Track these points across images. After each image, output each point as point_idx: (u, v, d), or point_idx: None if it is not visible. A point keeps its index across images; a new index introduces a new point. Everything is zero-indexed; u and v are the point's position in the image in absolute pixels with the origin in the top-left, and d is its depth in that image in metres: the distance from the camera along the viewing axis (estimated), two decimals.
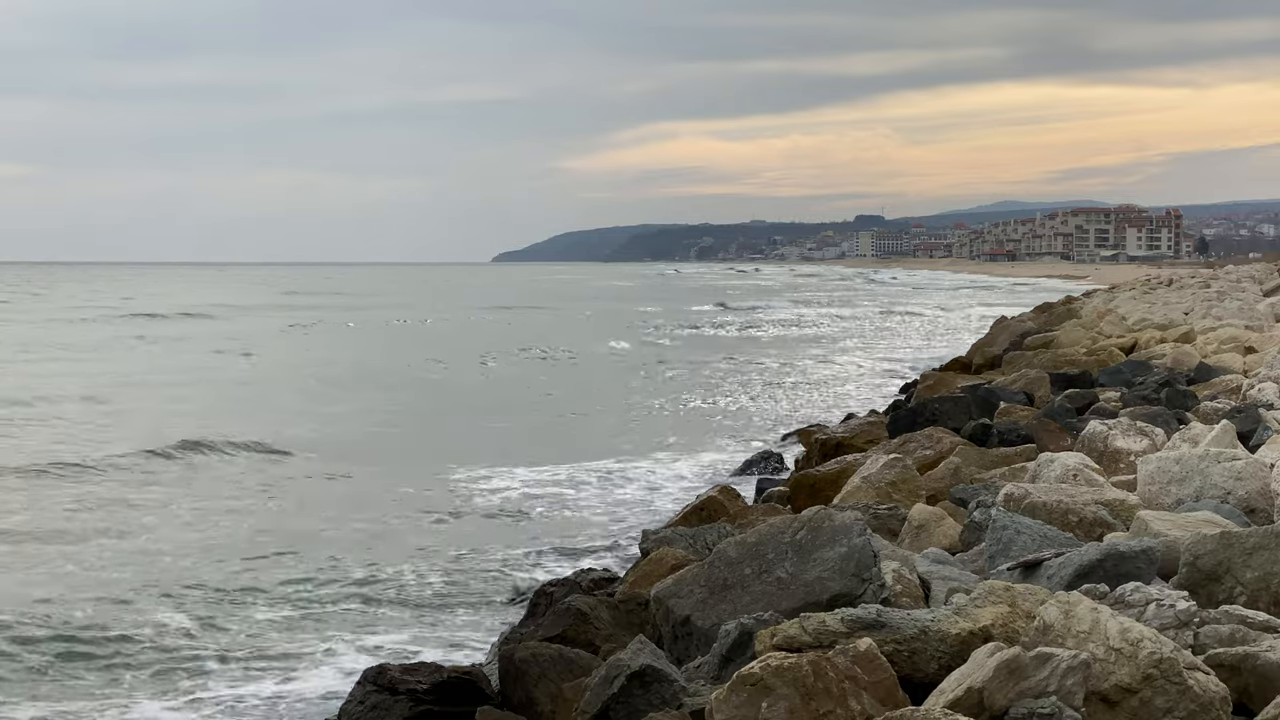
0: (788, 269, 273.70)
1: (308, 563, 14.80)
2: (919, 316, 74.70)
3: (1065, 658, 5.72)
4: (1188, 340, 24.48)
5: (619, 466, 21.35)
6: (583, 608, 9.54)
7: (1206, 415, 14.14)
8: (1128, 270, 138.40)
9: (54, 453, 22.09)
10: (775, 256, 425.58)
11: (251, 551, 15.31)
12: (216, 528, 16.74)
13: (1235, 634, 6.39)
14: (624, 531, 16.25)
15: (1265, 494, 9.20)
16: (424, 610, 13.02)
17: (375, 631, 12.27)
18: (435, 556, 15.17)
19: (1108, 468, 11.33)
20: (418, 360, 43.87)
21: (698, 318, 75.17)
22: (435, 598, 13.48)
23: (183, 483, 19.97)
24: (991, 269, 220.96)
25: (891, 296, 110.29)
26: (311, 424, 26.50)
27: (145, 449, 22.07)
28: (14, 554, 15.09)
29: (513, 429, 26.53)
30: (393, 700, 8.59)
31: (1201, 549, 7.26)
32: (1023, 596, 6.76)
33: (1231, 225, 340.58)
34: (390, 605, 13.18)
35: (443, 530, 16.67)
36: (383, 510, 17.90)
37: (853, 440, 17.22)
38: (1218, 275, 60.89)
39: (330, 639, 11.99)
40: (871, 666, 6.11)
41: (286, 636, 12.08)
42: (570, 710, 7.56)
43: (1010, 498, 9.33)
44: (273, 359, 45.13)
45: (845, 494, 12.09)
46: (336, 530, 16.56)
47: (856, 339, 56.57)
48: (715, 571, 8.03)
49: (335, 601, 13.27)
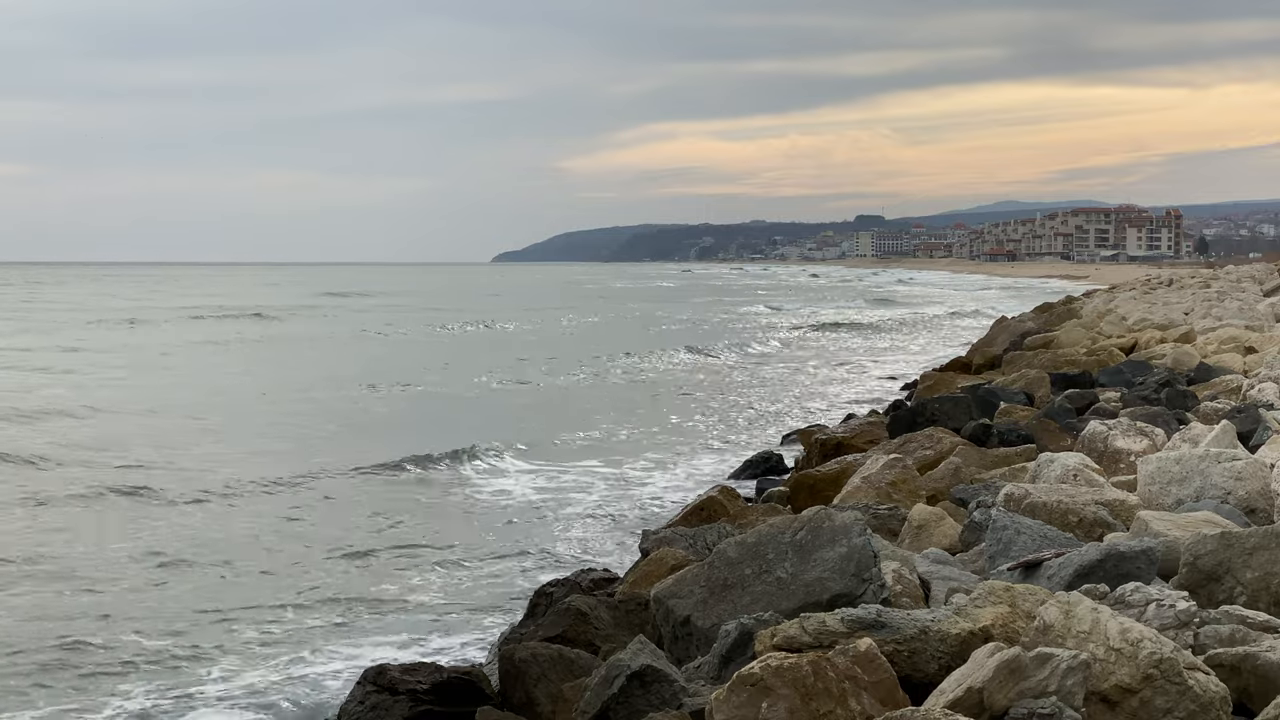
0: (800, 269, 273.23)
1: (308, 561, 14.82)
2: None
3: (1065, 658, 5.72)
4: (1188, 340, 24.49)
5: (620, 466, 21.35)
6: (583, 608, 9.55)
7: (1206, 415, 14.14)
8: (1128, 270, 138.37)
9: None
10: (775, 256, 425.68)
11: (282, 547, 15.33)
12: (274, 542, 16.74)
13: (1235, 634, 6.39)
14: (624, 531, 16.24)
15: (1265, 494, 9.20)
16: (424, 610, 13.01)
17: (375, 631, 12.27)
18: (435, 556, 15.17)
19: (1108, 468, 11.33)
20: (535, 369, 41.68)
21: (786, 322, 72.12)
22: (435, 597, 13.47)
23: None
24: (992, 269, 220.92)
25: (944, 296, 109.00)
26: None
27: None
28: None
29: (529, 426, 26.51)
30: (393, 700, 8.59)
31: (1201, 549, 7.26)
32: (1023, 597, 6.76)
33: (1231, 225, 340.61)
34: (390, 605, 13.18)
35: (443, 529, 16.66)
36: (384, 509, 17.90)
37: (853, 440, 17.22)
38: (1218, 275, 60.92)
39: (330, 639, 11.99)
40: (871, 667, 6.11)
41: (286, 637, 12.07)
42: (570, 710, 7.57)
43: (1010, 498, 9.34)
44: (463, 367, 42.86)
45: (845, 494, 12.10)
46: (337, 529, 16.57)
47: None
48: (715, 572, 8.04)
49: (335, 601, 13.26)
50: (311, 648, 11.74)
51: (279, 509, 18.03)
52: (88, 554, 15.07)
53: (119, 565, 14.62)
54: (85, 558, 14.90)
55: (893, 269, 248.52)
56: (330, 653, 11.59)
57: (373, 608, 13.08)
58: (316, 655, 11.52)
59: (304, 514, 17.63)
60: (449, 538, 16.14)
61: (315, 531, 16.50)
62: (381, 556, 15.15)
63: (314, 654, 11.56)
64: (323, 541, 15.88)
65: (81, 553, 15.12)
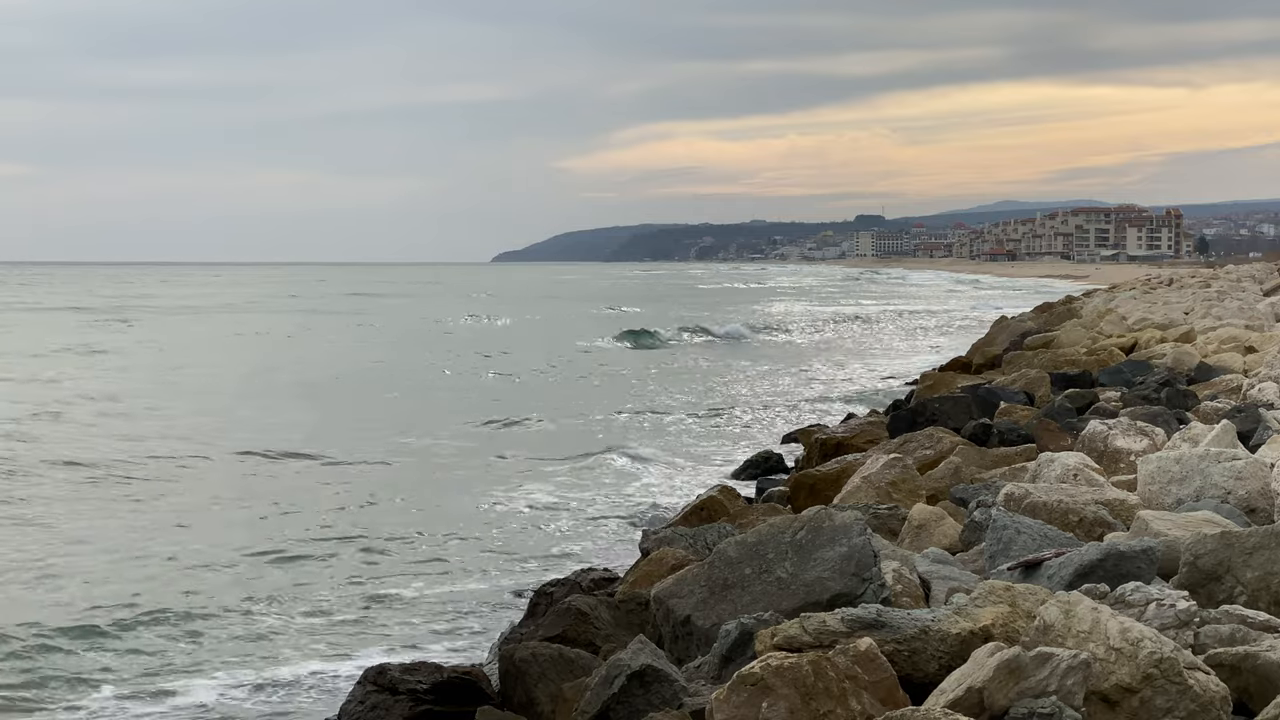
0: (817, 269, 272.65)
1: (307, 560, 14.82)
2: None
3: (1065, 657, 5.72)
4: (1188, 340, 24.48)
5: (619, 465, 21.35)
6: (583, 608, 9.54)
7: (1207, 415, 14.14)
8: (1128, 270, 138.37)
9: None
10: (775, 256, 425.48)
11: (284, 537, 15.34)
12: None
13: (1235, 634, 6.39)
14: (624, 531, 16.24)
15: (1265, 494, 9.20)
16: (424, 610, 13.01)
17: (375, 631, 12.27)
18: (435, 555, 15.17)
19: (1108, 468, 11.33)
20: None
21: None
22: (435, 597, 13.47)
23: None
24: (992, 269, 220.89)
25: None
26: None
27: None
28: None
29: (529, 425, 26.53)
30: (393, 700, 8.59)
31: (1202, 549, 7.26)
32: (1023, 596, 6.76)
33: (1231, 225, 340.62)
34: (390, 604, 13.18)
35: (442, 529, 16.65)
36: (383, 508, 17.90)
37: (853, 440, 17.22)
38: (1218, 275, 60.96)
39: (330, 638, 11.99)
40: (872, 666, 6.11)
41: (286, 636, 12.07)
42: (570, 710, 7.56)
43: (1010, 497, 9.34)
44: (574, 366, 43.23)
45: (845, 494, 12.09)
46: (333, 527, 16.57)
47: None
48: (715, 571, 8.04)
49: (335, 600, 13.26)
50: (311, 647, 11.74)
51: (274, 506, 18.03)
52: (86, 548, 15.09)
53: (114, 556, 14.62)
54: (84, 552, 14.91)
55: (893, 268, 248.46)
56: (330, 652, 11.59)
57: (373, 607, 13.08)
58: (316, 654, 11.52)
59: (304, 513, 17.62)
60: (449, 537, 16.13)
61: (313, 530, 16.48)
62: (380, 556, 15.14)
63: (313, 653, 11.56)
64: (321, 540, 15.88)
65: (81, 549, 15.13)
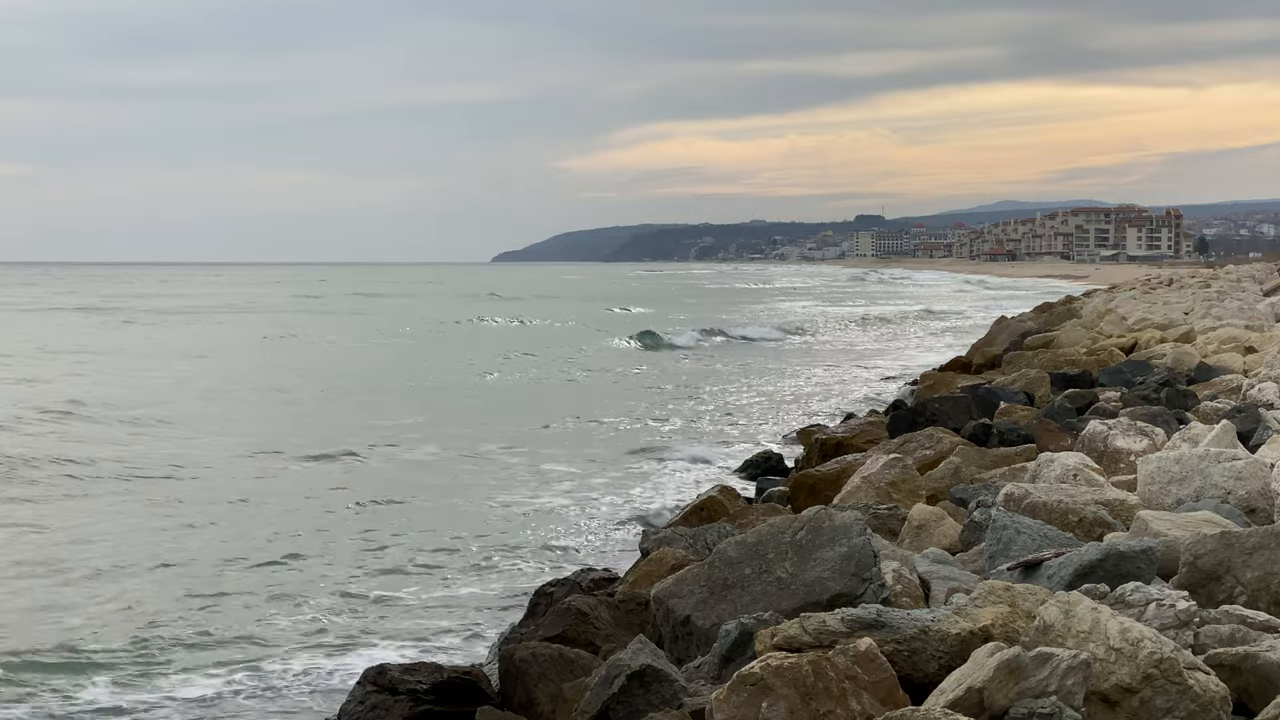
0: (819, 269, 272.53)
1: (307, 560, 14.82)
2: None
3: (1065, 658, 5.72)
4: (1188, 340, 24.50)
5: (619, 465, 21.36)
6: (583, 608, 9.55)
7: (1206, 415, 14.15)
8: (1128, 270, 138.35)
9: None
10: (775, 256, 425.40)
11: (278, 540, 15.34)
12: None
13: (1235, 634, 6.39)
14: (624, 531, 16.24)
15: (1265, 494, 9.20)
16: (424, 610, 13.01)
17: (375, 630, 12.27)
18: (435, 555, 15.17)
19: (1108, 468, 11.33)
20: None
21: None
22: (435, 597, 13.47)
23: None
24: (992, 268, 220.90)
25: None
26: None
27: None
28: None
29: (529, 425, 26.52)
30: (393, 700, 8.59)
31: (1201, 549, 7.26)
32: (1023, 596, 6.76)
33: (1231, 225, 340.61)
34: (390, 604, 13.18)
35: (442, 528, 16.65)
36: (383, 508, 17.90)
37: (853, 440, 17.23)
38: (1218, 275, 60.99)
39: (330, 638, 11.99)
40: (871, 666, 6.11)
41: (286, 636, 12.07)
42: (570, 710, 7.57)
43: (1010, 498, 9.34)
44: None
45: (845, 494, 12.10)
46: (336, 527, 16.58)
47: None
48: (715, 571, 8.04)
49: (334, 600, 13.26)
50: (311, 647, 11.74)
51: (274, 506, 18.03)
52: (92, 549, 15.09)
53: (117, 559, 14.62)
54: (89, 553, 14.91)
55: (894, 268, 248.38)
56: (330, 652, 11.59)
57: (372, 607, 13.08)
58: (316, 654, 11.51)
59: (303, 513, 17.62)
60: (449, 537, 16.12)
61: (313, 530, 16.49)
62: (380, 556, 15.14)
63: (313, 653, 11.56)
64: (319, 540, 15.88)
65: (85, 547, 15.14)
